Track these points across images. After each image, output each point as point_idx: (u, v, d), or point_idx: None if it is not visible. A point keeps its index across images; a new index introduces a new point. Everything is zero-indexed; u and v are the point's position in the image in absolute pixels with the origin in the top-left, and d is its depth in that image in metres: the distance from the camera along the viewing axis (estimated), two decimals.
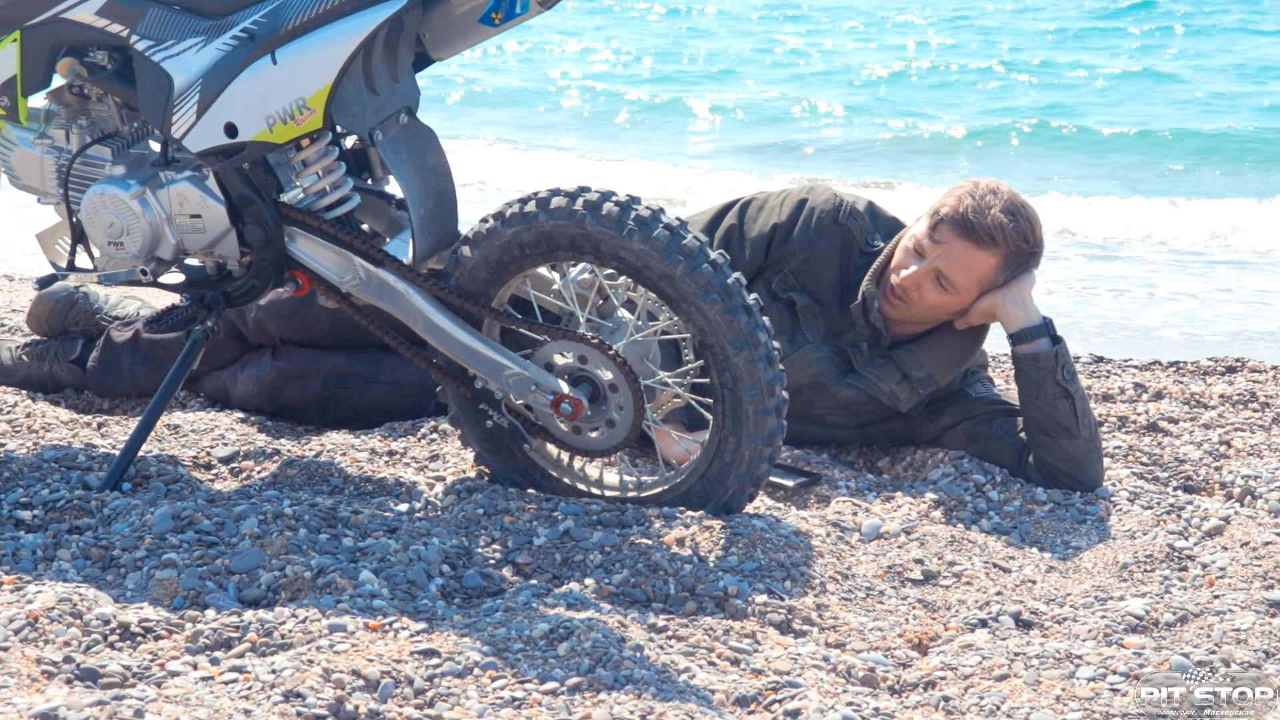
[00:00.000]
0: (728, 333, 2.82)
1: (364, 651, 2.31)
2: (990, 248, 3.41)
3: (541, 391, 2.92)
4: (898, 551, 3.03)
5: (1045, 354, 3.40)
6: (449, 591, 2.69)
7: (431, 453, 3.43)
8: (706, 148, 12.44)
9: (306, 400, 3.78)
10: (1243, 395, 4.18)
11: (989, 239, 3.39)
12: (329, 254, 2.99)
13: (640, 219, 2.80)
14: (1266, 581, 2.92)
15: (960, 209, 3.41)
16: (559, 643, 2.39)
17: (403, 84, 2.97)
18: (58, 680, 2.20)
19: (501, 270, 2.93)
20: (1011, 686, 2.41)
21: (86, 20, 2.92)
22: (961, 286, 3.45)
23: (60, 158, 3.12)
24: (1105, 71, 15.76)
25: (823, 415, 3.66)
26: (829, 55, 17.77)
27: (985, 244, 3.40)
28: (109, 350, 3.87)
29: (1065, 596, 2.86)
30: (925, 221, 3.48)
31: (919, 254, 3.46)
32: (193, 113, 2.85)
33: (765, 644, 2.54)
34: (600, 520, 2.94)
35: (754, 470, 2.94)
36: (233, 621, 2.42)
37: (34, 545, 2.75)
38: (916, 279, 3.45)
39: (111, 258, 3.08)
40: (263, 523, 2.82)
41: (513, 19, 2.87)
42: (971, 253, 3.42)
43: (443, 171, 3.03)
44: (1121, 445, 3.77)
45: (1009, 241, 3.41)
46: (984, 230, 3.39)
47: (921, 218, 3.52)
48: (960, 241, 3.41)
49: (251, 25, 2.82)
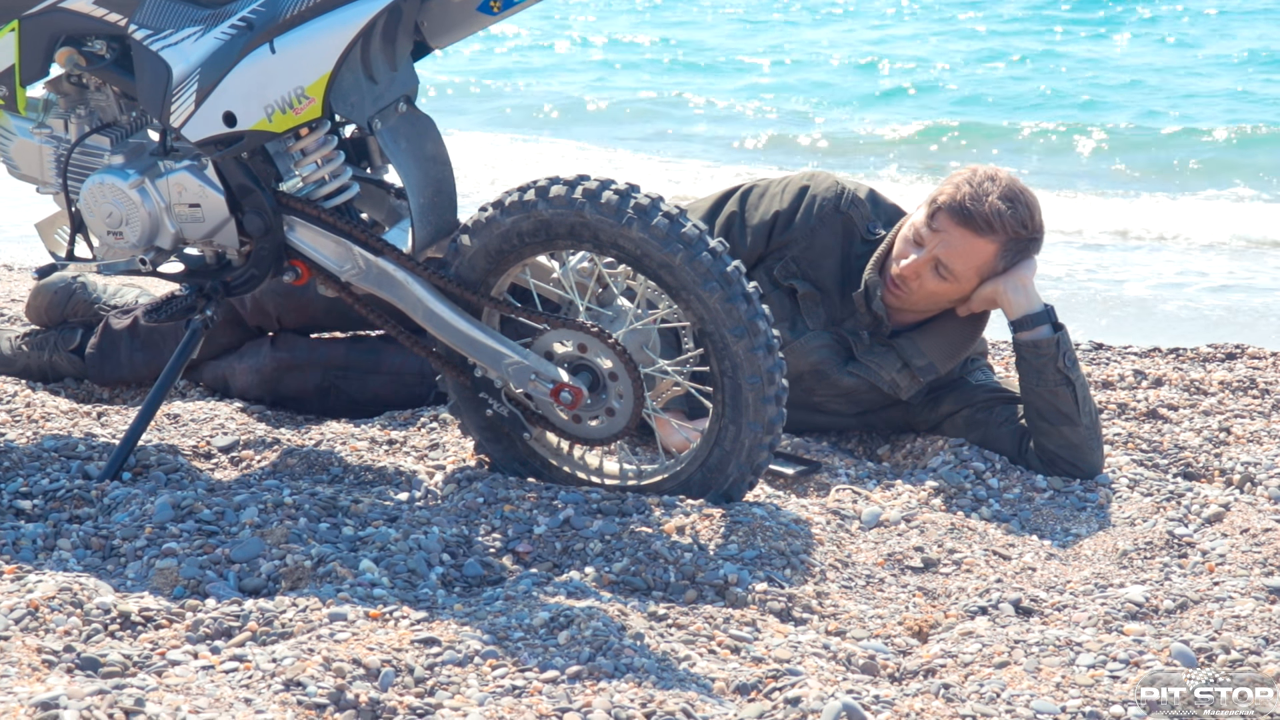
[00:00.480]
0: (727, 321, 2.82)
1: (364, 640, 2.31)
2: (988, 235, 3.40)
3: (541, 380, 2.92)
4: (898, 539, 3.03)
5: (1046, 341, 3.40)
6: (449, 580, 2.70)
7: (431, 441, 3.43)
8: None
9: (306, 390, 3.78)
10: (1242, 382, 4.18)
11: (987, 226, 3.39)
12: (328, 243, 2.99)
13: (639, 207, 2.80)
14: (1266, 568, 2.92)
15: (958, 196, 3.40)
16: (559, 631, 2.39)
17: (401, 73, 2.97)
18: (58, 669, 2.21)
19: (501, 259, 2.93)
20: (1011, 674, 2.41)
21: (84, 9, 2.92)
22: (961, 274, 3.45)
23: (59, 147, 3.12)
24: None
25: (823, 403, 3.66)
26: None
27: (983, 231, 3.40)
28: (107, 338, 3.87)
29: (1065, 584, 2.86)
30: (924, 210, 3.47)
31: (918, 243, 3.46)
32: (191, 102, 2.85)
33: (765, 632, 2.54)
34: (600, 509, 2.94)
35: (754, 458, 2.94)
36: (233, 610, 2.43)
37: (34, 535, 2.75)
38: (915, 268, 3.45)
39: (110, 247, 3.08)
40: (263, 512, 2.82)
41: (511, 7, 2.87)
42: (969, 240, 3.41)
43: (441, 160, 3.02)
44: (1121, 432, 3.77)
45: (1007, 228, 3.40)
46: (981, 217, 3.38)
47: (921, 206, 3.51)
48: (958, 229, 3.41)
49: (250, 14, 2.81)
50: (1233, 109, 12.35)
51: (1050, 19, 17.68)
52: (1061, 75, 14.20)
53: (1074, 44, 16.07)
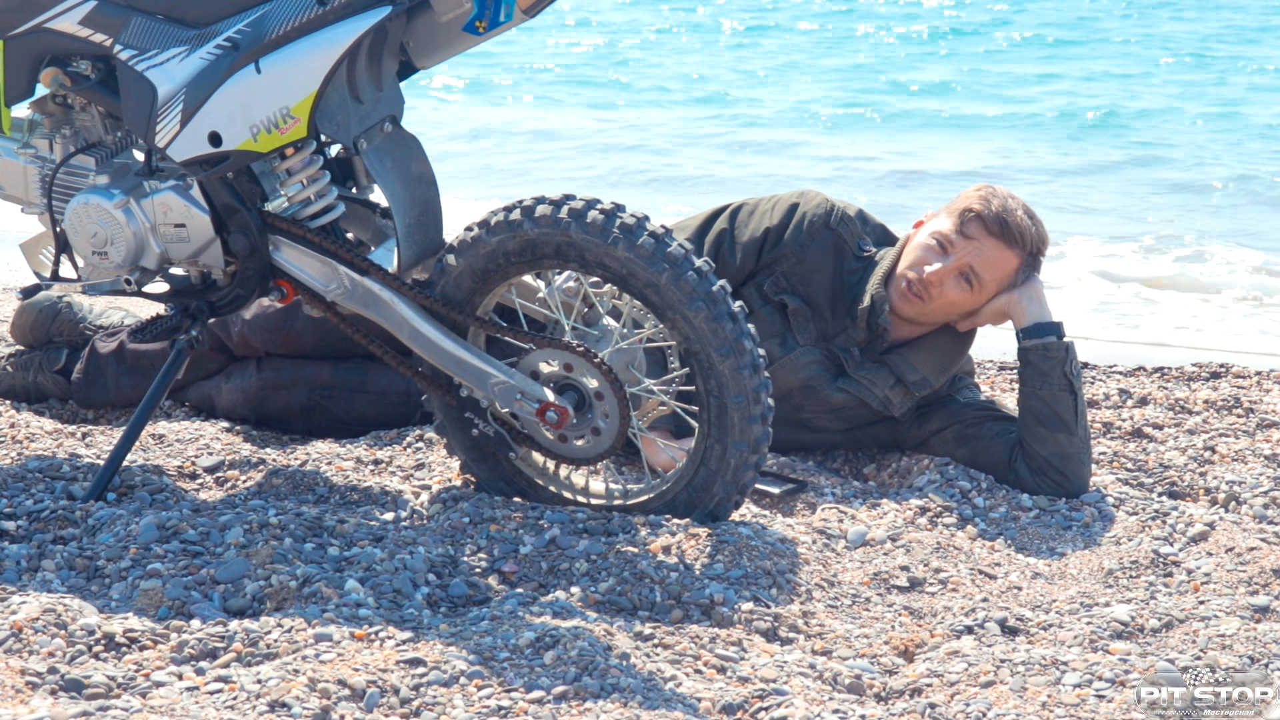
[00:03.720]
0: (713, 340, 2.83)
1: (350, 661, 2.31)
2: (1016, 248, 3.51)
3: (527, 400, 2.91)
4: (884, 558, 3.03)
5: (1056, 345, 3.49)
6: (435, 600, 2.69)
7: (417, 461, 3.42)
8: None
9: (292, 410, 3.77)
10: (1227, 401, 4.19)
11: (1018, 239, 3.50)
12: (314, 263, 2.99)
13: (625, 227, 2.81)
14: (1251, 587, 2.92)
15: (992, 207, 3.51)
16: (545, 651, 2.39)
17: (387, 93, 2.97)
18: (42, 691, 2.20)
19: (486, 278, 2.93)
20: (997, 693, 2.41)
21: (70, 30, 2.92)
22: (987, 283, 3.53)
23: (44, 167, 3.12)
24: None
25: (811, 419, 3.67)
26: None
27: (1014, 244, 3.50)
28: (94, 361, 3.86)
29: (1051, 603, 2.86)
30: (948, 220, 3.53)
31: (944, 250, 3.51)
32: (176, 122, 2.85)
33: (751, 651, 2.54)
34: (586, 528, 2.94)
35: (740, 478, 2.94)
36: (218, 631, 2.42)
37: (18, 556, 2.74)
38: (941, 275, 3.50)
39: (95, 267, 3.07)
40: (248, 532, 2.82)
41: (497, 27, 2.87)
42: (1001, 251, 3.50)
43: (427, 180, 3.03)
44: (1106, 451, 3.77)
45: (1030, 244, 3.53)
46: (1015, 230, 3.50)
47: (937, 216, 3.59)
48: (991, 239, 3.50)
49: (235, 34, 2.81)
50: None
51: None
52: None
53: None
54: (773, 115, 12.89)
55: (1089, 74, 15.20)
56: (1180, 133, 11.61)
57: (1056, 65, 15.94)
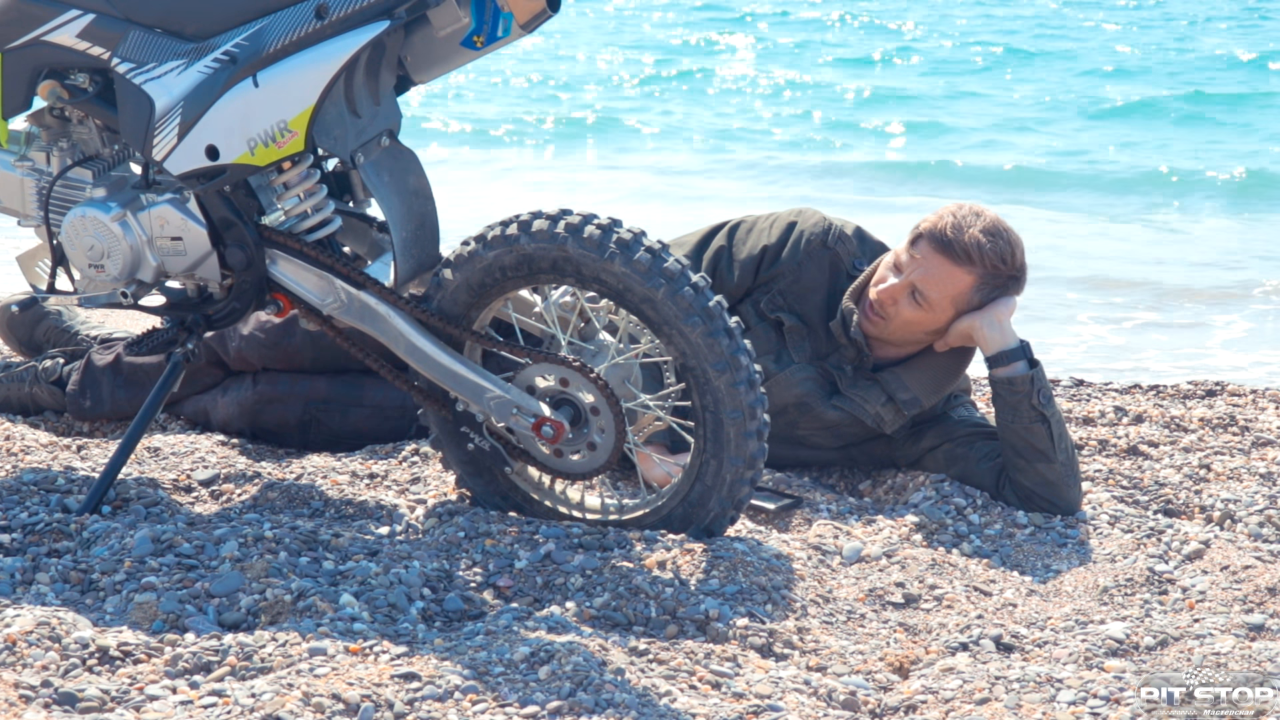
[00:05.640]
0: (709, 356, 2.83)
1: (344, 675, 2.31)
2: (965, 265, 3.44)
3: (523, 414, 2.91)
4: (879, 575, 3.03)
5: (1021, 378, 3.42)
6: (430, 615, 2.69)
7: (413, 475, 3.42)
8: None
9: (287, 423, 3.77)
10: (1222, 419, 4.20)
11: (965, 256, 3.42)
12: (310, 276, 2.99)
13: (622, 242, 2.81)
14: (1246, 605, 2.92)
15: (940, 225, 3.45)
16: (540, 666, 2.38)
17: (384, 107, 2.98)
18: (36, 705, 2.19)
19: (483, 293, 2.93)
20: (992, 710, 2.41)
21: (68, 43, 2.92)
22: (936, 303, 3.47)
23: (41, 180, 3.12)
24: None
25: (806, 436, 3.67)
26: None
27: (961, 261, 3.43)
28: (90, 374, 3.86)
29: (1046, 620, 2.86)
30: (907, 239, 3.50)
31: (897, 269, 3.49)
32: (174, 135, 2.85)
33: (746, 667, 2.54)
34: (581, 543, 2.94)
35: (735, 493, 2.94)
36: (212, 645, 2.41)
37: (12, 568, 2.73)
38: (893, 293, 3.47)
39: (92, 280, 3.07)
40: (243, 546, 2.81)
41: (494, 42, 2.88)
42: (946, 268, 3.44)
43: (424, 194, 3.03)
44: (1102, 469, 3.78)
45: (985, 261, 3.43)
46: (960, 247, 3.42)
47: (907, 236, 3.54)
48: (936, 256, 3.45)
49: (233, 48, 2.82)
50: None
51: None
52: None
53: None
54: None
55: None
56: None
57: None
